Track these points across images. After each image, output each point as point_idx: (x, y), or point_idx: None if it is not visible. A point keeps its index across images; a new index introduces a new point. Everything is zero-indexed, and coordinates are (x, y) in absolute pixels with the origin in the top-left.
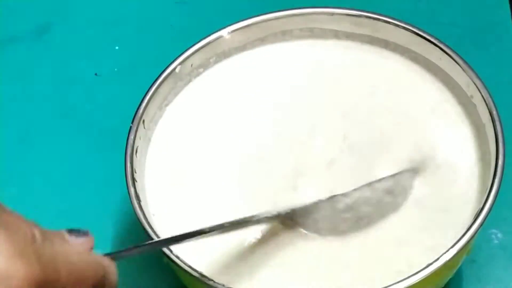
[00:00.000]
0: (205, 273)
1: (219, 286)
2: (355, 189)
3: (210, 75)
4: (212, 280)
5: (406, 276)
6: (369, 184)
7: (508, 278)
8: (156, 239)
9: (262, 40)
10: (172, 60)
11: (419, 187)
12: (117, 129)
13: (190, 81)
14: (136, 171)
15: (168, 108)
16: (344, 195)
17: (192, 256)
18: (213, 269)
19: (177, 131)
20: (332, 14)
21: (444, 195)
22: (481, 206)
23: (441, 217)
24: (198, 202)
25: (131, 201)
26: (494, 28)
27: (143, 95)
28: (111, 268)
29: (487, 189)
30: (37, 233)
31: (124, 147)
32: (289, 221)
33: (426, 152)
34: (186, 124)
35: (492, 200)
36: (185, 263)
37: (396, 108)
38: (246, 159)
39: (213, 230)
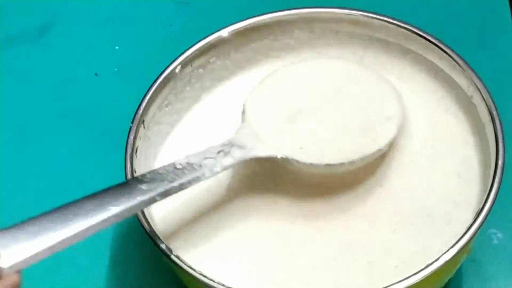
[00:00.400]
0: (204, 272)
1: (218, 285)
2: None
3: (214, 80)
4: (212, 279)
5: (406, 276)
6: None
7: (509, 278)
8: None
9: (262, 40)
10: (172, 60)
11: (419, 187)
12: (117, 129)
13: (190, 81)
14: (136, 171)
15: (170, 107)
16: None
17: (191, 254)
18: (213, 267)
19: (183, 134)
20: (332, 14)
21: (445, 195)
22: (481, 206)
23: (442, 217)
24: (200, 204)
25: None
26: (494, 28)
27: (143, 95)
28: None
29: (487, 189)
30: None
31: (124, 147)
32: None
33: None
34: (192, 127)
35: (492, 200)
36: (184, 263)
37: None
38: (251, 160)
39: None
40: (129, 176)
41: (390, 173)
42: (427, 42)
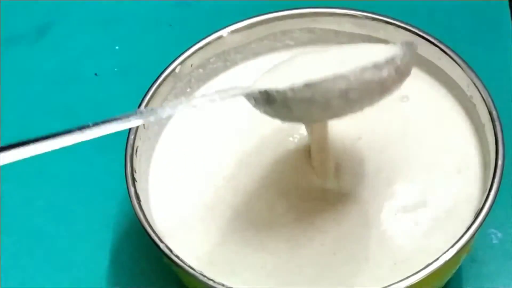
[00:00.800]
0: (205, 272)
1: (218, 285)
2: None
3: (215, 80)
4: (212, 279)
5: (406, 275)
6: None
7: (508, 277)
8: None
9: (262, 40)
10: (172, 60)
11: (420, 185)
12: None
13: (190, 81)
14: (136, 171)
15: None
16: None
17: (192, 254)
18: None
19: (180, 133)
20: (332, 14)
21: (444, 195)
22: (481, 205)
23: (441, 217)
24: (200, 203)
25: (131, 201)
26: (494, 28)
27: (143, 95)
28: None
29: (487, 188)
30: None
31: (124, 147)
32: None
33: (428, 154)
34: (190, 125)
35: (492, 200)
36: (185, 263)
37: (396, 109)
38: (250, 158)
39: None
40: (129, 177)
41: (388, 172)
42: (427, 42)
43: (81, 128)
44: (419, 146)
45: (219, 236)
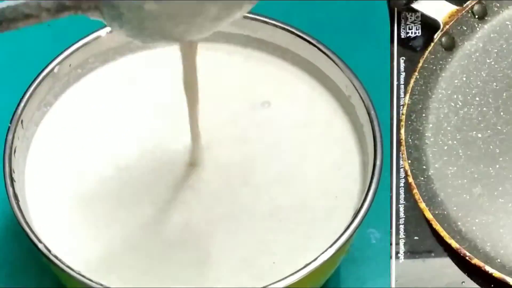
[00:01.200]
0: (83, 272)
1: (96, 285)
2: None
3: (92, 77)
4: (90, 279)
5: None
6: None
7: (386, 277)
8: None
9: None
10: (50, 61)
11: (298, 188)
12: None
13: (69, 81)
14: (15, 171)
15: (49, 108)
16: None
17: (70, 252)
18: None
19: (58, 131)
20: None
21: (323, 193)
22: (359, 206)
23: (320, 217)
24: (79, 203)
25: (9, 201)
26: (372, 30)
27: (21, 95)
28: None
29: (365, 189)
30: None
31: (3, 147)
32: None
33: (303, 154)
34: (67, 124)
35: (370, 200)
36: (63, 263)
37: (272, 107)
38: (128, 158)
39: None
40: (7, 177)
41: (261, 167)
42: (305, 42)
43: None
44: (293, 139)
45: (97, 232)
